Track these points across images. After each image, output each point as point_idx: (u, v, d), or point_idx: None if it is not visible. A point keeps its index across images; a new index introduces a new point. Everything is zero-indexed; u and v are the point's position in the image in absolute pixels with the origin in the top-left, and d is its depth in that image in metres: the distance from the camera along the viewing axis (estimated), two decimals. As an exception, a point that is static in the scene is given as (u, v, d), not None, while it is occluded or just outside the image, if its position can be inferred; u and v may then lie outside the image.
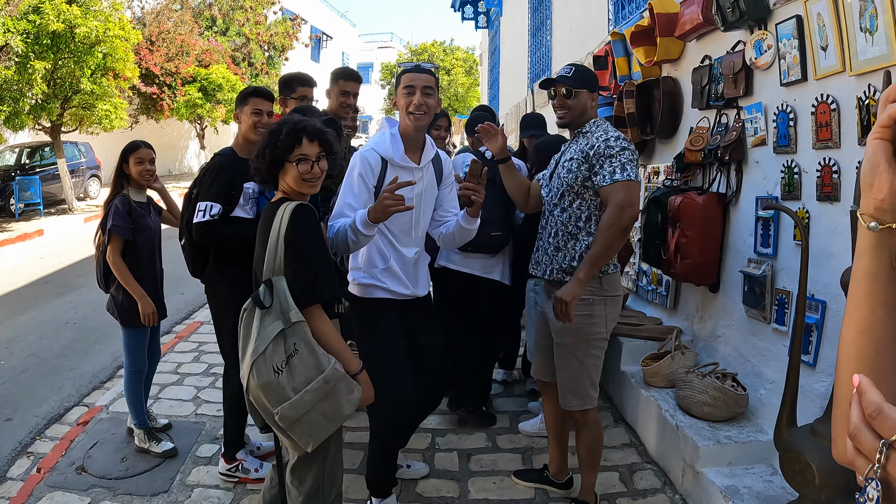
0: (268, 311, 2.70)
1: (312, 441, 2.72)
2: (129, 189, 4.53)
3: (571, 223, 3.61)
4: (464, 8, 20.16)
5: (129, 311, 4.47)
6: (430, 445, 4.66)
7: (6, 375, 6.38)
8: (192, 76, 23.97)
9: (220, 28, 28.40)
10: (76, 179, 19.40)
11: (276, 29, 30.61)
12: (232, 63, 26.79)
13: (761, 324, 4.12)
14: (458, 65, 43.88)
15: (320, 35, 43.27)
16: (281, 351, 2.67)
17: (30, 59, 13.75)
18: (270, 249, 2.79)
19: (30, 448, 4.91)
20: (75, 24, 14.50)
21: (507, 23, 16.63)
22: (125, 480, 4.30)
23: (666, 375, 4.48)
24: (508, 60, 16.34)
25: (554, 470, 4.13)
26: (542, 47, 11.65)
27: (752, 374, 4.21)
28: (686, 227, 4.48)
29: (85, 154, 20.62)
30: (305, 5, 38.90)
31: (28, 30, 13.74)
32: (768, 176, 4.08)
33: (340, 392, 2.75)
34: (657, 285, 5.51)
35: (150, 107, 23.89)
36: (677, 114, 5.32)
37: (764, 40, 4.01)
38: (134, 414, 4.70)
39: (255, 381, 2.65)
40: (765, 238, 4.09)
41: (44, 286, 10.24)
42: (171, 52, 23.28)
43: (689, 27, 4.75)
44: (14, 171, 17.72)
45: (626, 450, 4.51)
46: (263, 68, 29.24)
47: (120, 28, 16.21)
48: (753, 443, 3.85)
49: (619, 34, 6.17)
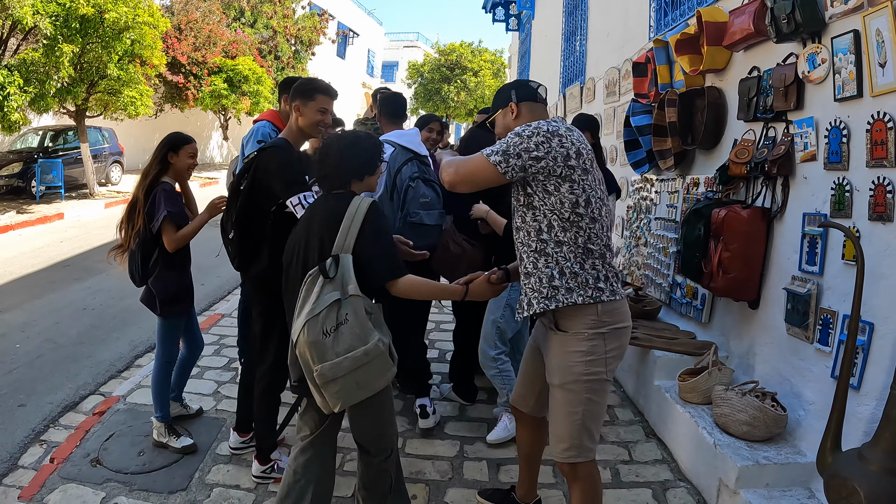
0: (330, 280, 3.00)
1: (341, 403, 3.02)
2: (166, 179, 4.49)
3: (533, 239, 3.13)
4: (495, 10, 20.09)
5: (168, 301, 4.48)
6: (459, 453, 4.58)
7: (21, 360, 6.34)
8: (219, 67, 24.03)
9: (248, 20, 28.48)
10: (98, 165, 19.48)
11: (304, 23, 30.69)
12: (258, 55, 26.82)
13: (803, 343, 4.01)
14: (486, 67, 43.75)
15: (347, 32, 43.36)
16: (333, 317, 2.96)
17: (58, 42, 13.76)
18: (343, 231, 3.09)
19: (43, 436, 4.87)
20: (105, 9, 14.55)
21: (538, 26, 16.55)
22: (142, 476, 4.24)
23: (702, 392, 4.39)
24: (539, 64, 16.25)
25: (522, 493, 3.88)
26: (575, 52, 11.56)
27: (790, 395, 4.10)
28: (729, 241, 4.39)
29: (108, 140, 20.73)
30: (334, 1, 38.97)
31: (57, 13, 13.76)
32: (817, 192, 3.98)
33: (376, 367, 3.03)
34: (692, 298, 5.41)
35: (175, 95, 23.98)
36: (721, 125, 5.23)
37: (818, 54, 3.91)
38: (158, 406, 4.64)
39: (305, 337, 2.95)
40: (811, 256, 3.98)
41: (62, 270, 10.23)
42: (198, 41, 23.36)
43: (739, 37, 4.65)
44: (37, 153, 17.81)
45: (658, 466, 4.42)
46: (290, 62, 29.30)
47: (149, 15, 16.26)
48: (792, 465, 3.75)
49: (662, 41, 6.08)
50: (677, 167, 5.92)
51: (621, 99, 8.22)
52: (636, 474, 4.29)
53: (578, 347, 3.07)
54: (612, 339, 3.09)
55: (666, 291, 5.92)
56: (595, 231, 3.07)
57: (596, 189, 3.10)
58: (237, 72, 24.15)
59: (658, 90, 6.17)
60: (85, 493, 4.03)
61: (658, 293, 6.08)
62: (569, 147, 3.01)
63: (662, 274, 5.99)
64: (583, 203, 3.03)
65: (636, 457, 4.53)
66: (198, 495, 4.02)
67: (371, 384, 3.06)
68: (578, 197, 3.02)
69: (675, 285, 5.75)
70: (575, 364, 3.07)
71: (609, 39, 9.13)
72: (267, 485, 4.11)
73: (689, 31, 5.49)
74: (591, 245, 3.06)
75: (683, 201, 5.66)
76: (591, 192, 3.06)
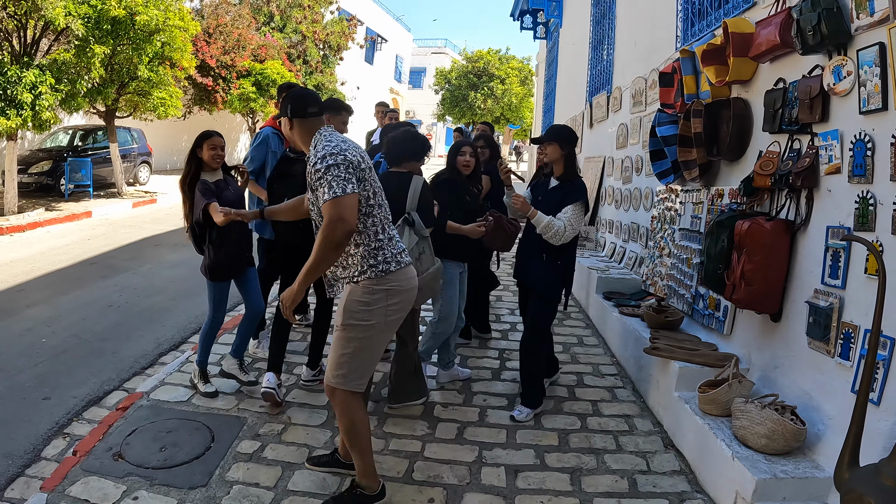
0: (412, 228, 4.75)
1: (422, 301, 4.90)
2: (204, 172, 5.31)
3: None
4: (523, 18, 20.11)
5: (211, 268, 5.35)
6: (477, 459, 4.57)
7: (47, 353, 6.42)
8: (247, 70, 24.16)
9: (278, 24, 28.61)
10: (127, 164, 19.68)
11: (333, 28, 30.76)
12: (287, 60, 26.95)
13: (824, 357, 3.98)
14: (513, 74, 43.71)
15: (375, 37, 43.49)
16: (416, 250, 4.68)
17: (89, 43, 13.89)
18: (411, 196, 4.88)
19: (66, 429, 4.94)
20: (136, 11, 14.69)
21: (566, 35, 16.54)
22: (163, 471, 4.26)
23: (722, 403, 4.36)
24: (566, 72, 16.24)
25: (344, 453, 4.30)
26: (602, 61, 11.54)
27: (810, 408, 4.07)
28: (752, 253, 4.37)
29: (137, 140, 20.96)
30: (362, 6, 39.17)
31: (89, 14, 13.89)
32: (841, 206, 3.96)
33: (438, 279, 4.89)
34: (714, 310, 5.40)
35: (203, 98, 24.17)
36: (746, 136, 5.21)
37: (843, 66, 3.89)
38: (200, 352, 5.54)
39: None
40: (833, 269, 3.96)
41: (89, 267, 10.32)
42: (227, 45, 23.51)
43: (765, 48, 4.64)
44: (66, 152, 18.00)
45: (675, 477, 4.39)
46: (318, 66, 29.37)
47: (179, 18, 16.42)
48: (810, 479, 3.72)
49: (688, 52, 6.07)
50: (702, 178, 5.90)
51: (647, 109, 8.22)
52: (653, 485, 4.27)
53: (363, 298, 3.70)
54: (393, 295, 3.75)
55: (689, 302, 5.91)
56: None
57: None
58: (266, 76, 24.26)
59: (684, 100, 6.15)
60: (106, 485, 4.06)
61: (681, 304, 6.06)
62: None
63: (685, 285, 5.98)
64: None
65: (654, 467, 4.51)
66: (218, 492, 4.05)
67: (435, 291, 4.98)
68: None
69: (698, 296, 5.73)
70: (353, 307, 3.71)
71: (636, 49, 9.12)
72: (286, 483, 4.15)
73: (715, 42, 5.48)
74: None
75: (708, 212, 5.65)
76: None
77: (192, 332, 7.25)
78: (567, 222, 5.08)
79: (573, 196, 5.18)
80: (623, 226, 9.16)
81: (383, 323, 3.75)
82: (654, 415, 5.34)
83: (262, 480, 4.20)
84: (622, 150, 9.53)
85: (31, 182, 16.95)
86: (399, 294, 3.77)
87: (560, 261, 5.29)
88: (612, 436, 4.98)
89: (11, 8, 12.47)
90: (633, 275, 8.12)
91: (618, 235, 9.46)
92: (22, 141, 17.90)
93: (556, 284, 5.31)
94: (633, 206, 8.67)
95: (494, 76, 43.27)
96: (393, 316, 3.79)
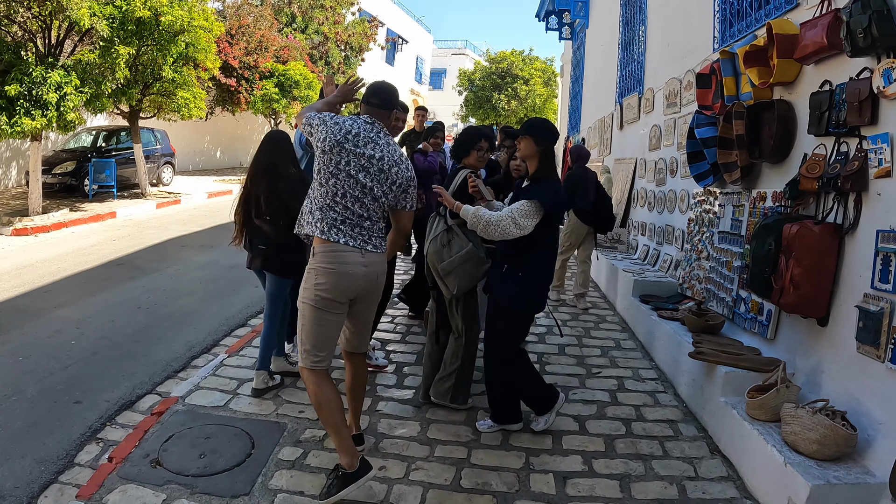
0: (442, 217, 5.13)
1: (457, 288, 4.96)
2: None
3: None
4: (548, 18, 20.06)
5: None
6: (525, 465, 4.54)
7: (77, 356, 6.36)
8: (270, 71, 24.35)
9: (300, 25, 28.80)
10: (150, 165, 19.81)
11: (354, 29, 30.95)
12: (309, 60, 27.09)
13: (874, 362, 3.94)
14: (537, 75, 43.56)
15: (396, 38, 43.59)
16: (445, 237, 5.04)
17: (114, 43, 13.96)
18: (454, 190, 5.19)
19: (99, 434, 4.85)
20: (161, 12, 14.77)
21: (593, 35, 16.51)
22: (203, 479, 4.18)
23: (771, 409, 4.33)
24: (594, 74, 16.21)
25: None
26: (633, 62, 11.51)
27: (859, 413, 4.03)
28: (801, 256, 4.34)
29: (160, 141, 21.12)
30: (383, 8, 39.29)
31: (114, 15, 13.98)
32: (891, 209, 3.91)
33: (473, 262, 4.95)
34: (757, 314, 5.35)
35: (226, 99, 24.37)
36: (790, 139, 5.17)
37: (893, 69, 3.85)
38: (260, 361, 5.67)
39: (431, 249, 5.07)
40: (884, 273, 3.91)
41: (115, 268, 10.34)
42: (250, 46, 23.67)
43: (811, 50, 4.60)
44: (90, 152, 18.11)
45: (723, 483, 4.35)
46: (340, 67, 29.52)
47: (204, 19, 16.53)
48: (862, 485, 3.68)
49: (729, 53, 6.01)
50: (743, 180, 5.85)
51: (682, 110, 8.18)
52: (703, 491, 4.24)
53: (308, 275, 3.98)
54: (322, 275, 3.89)
55: (729, 306, 5.86)
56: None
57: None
58: (288, 76, 24.44)
59: (724, 102, 6.10)
60: (145, 494, 3.99)
61: (721, 308, 6.02)
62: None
63: (726, 288, 5.93)
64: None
65: (701, 473, 4.47)
66: (261, 500, 3.98)
67: (474, 274, 4.96)
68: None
69: (739, 300, 5.69)
70: (304, 288, 4.00)
71: (669, 50, 9.09)
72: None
73: (758, 43, 5.43)
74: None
75: (750, 215, 5.61)
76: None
77: (224, 335, 7.19)
78: (508, 214, 4.52)
79: (532, 194, 4.62)
80: (657, 228, 9.11)
81: (314, 300, 3.96)
82: (697, 419, 5.30)
83: (306, 489, 4.12)
84: (655, 151, 9.49)
85: (55, 182, 17.06)
86: (326, 275, 3.91)
87: (521, 272, 4.72)
88: (658, 441, 4.94)
89: (36, 9, 12.55)
90: (669, 278, 8.06)
91: (651, 238, 9.41)
92: (46, 141, 18.03)
93: (513, 297, 4.75)
94: (668, 208, 8.62)
95: (518, 77, 43.14)
96: (324, 296, 3.94)
